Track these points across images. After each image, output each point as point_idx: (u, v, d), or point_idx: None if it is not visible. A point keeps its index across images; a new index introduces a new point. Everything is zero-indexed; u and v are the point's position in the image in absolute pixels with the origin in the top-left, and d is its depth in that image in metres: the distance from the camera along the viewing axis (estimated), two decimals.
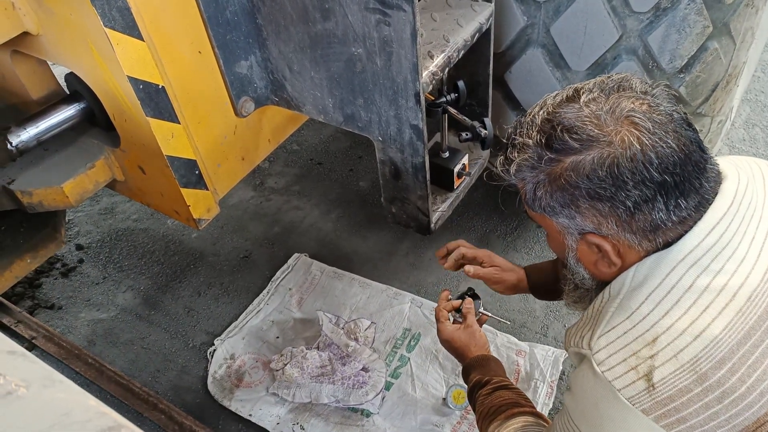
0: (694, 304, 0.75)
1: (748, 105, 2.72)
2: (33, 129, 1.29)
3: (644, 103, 0.79)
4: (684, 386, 0.74)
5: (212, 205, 1.48)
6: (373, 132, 1.41)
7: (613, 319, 0.81)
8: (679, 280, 0.77)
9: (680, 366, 0.74)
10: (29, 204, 1.31)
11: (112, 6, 1.08)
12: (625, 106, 0.78)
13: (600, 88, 0.81)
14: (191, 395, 1.91)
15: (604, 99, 0.80)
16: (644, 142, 0.75)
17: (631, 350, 0.77)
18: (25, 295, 2.25)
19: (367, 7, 1.18)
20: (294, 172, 2.67)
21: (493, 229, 2.31)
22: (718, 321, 0.74)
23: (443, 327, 1.34)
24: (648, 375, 0.75)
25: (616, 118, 0.77)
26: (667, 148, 0.75)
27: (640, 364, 0.76)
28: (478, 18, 1.51)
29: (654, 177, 0.75)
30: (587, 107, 0.79)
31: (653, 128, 0.76)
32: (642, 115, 0.77)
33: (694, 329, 0.74)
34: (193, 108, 1.35)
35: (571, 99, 0.82)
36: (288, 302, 2.12)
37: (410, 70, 1.23)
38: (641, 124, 0.76)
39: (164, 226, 2.48)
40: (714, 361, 0.73)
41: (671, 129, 0.76)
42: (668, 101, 0.80)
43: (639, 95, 0.80)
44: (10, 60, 1.33)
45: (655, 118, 0.77)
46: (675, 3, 1.41)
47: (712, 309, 0.74)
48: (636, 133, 0.76)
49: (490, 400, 1.15)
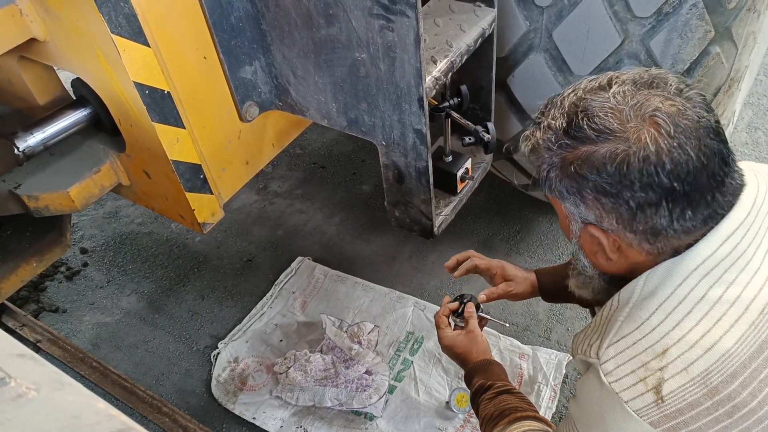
0: (706, 315, 0.73)
1: (751, 109, 2.72)
2: (40, 134, 1.30)
3: (673, 105, 0.76)
4: (694, 400, 0.72)
5: (217, 209, 1.49)
6: (377, 136, 1.42)
7: (623, 329, 0.79)
8: (692, 290, 0.75)
9: (691, 379, 0.72)
10: (35, 208, 1.31)
11: (119, 12, 1.09)
12: (652, 105, 0.75)
13: (633, 82, 0.79)
14: (195, 398, 1.92)
15: (633, 93, 0.77)
16: (661, 144, 0.73)
17: (640, 361, 0.76)
18: (29, 298, 2.26)
19: (370, 13, 1.18)
20: (297, 175, 2.68)
21: (495, 232, 2.31)
22: (730, 334, 0.72)
23: (444, 333, 1.33)
24: (657, 387, 0.73)
25: (639, 116, 0.75)
26: (683, 154, 0.73)
27: (649, 376, 0.74)
28: (480, 23, 1.52)
29: (663, 182, 0.73)
30: (614, 98, 0.77)
31: (674, 132, 0.73)
32: (666, 117, 0.74)
33: (706, 342, 0.72)
34: (198, 113, 1.36)
35: (603, 88, 0.80)
36: (291, 305, 2.13)
37: (414, 75, 1.24)
38: (663, 126, 0.73)
39: (168, 229, 2.49)
40: (725, 375, 0.71)
41: (694, 136, 0.74)
42: (700, 107, 0.77)
43: (670, 96, 0.77)
44: (17, 65, 1.34)
45: (679, 122, 0.74)
46: (677, 8, 1.42)
47: (724, 321, 0.73)
48: (655, 134, 0.73)
49: (493, 404, 1.14)
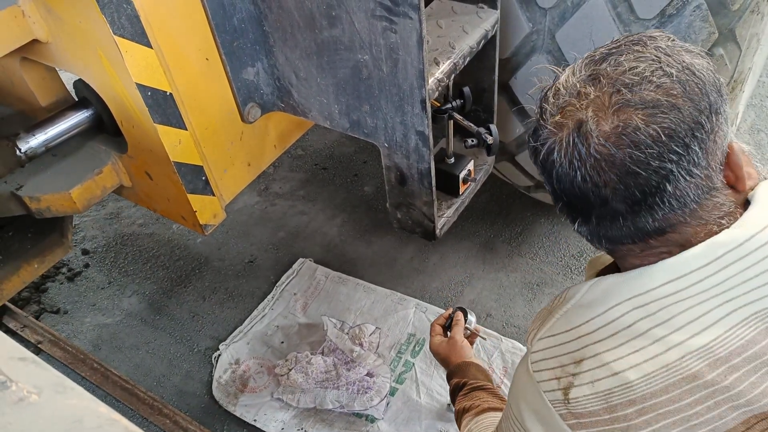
0: (627, 343, 0.74)
1: (753, 110, 2.71)
2: (42, 135, 1.30)
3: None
4: (594, 410, 0.76)
5: (218, 210, 1.49)
6: (379, 138, 1.42)
7: (556, 326, 0.82)
8: (621, 316, 0.75)
9: (594, 392, 0.76)
10: (37, 210, 1.31)
11: (121, 14, 1.09)
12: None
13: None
14: (196, 400, 1.91)
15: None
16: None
17: (559, 362, 0.80)
18: (31, 299, 2.26)
19: (373, 15, 1.18)
20: (299, 177, 2.68)
21: (497, 234, 2.31)
22: (639, 368, 0.73)
23: (432, 340, 1.54)
24: (566, 389, 0.78)
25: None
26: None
27: (563, 378, 0.79)
28: (483, 25, 1.51)
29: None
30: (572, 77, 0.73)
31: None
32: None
33: (616, 366, 0.74)
34: (200, 114, 1.36)
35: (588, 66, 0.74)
36: (293, 307, 2.12)
37: (416, 76, 1.23)
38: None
39: (169, 231, 2.49)
40: (625, 400, 0.74)
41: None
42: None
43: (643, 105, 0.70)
44: (19, 67, 1.35)
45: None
46: (680, 9, 1.41)
47: (639, 355, 0.73)
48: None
49: (467, 399, 1.27)
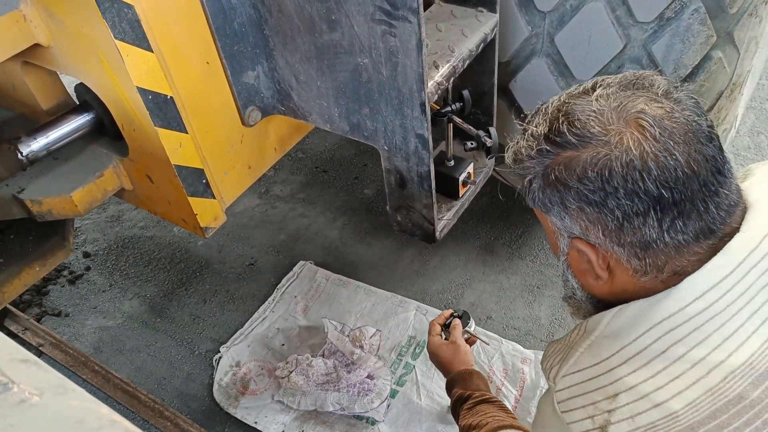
0: (664, 370, 0.70)
1: (753, 113, 2.72)
2: (43, 139, 1.31)
3: (660, 107, 0.71)
4: None
5: (219, 213, 1.49)
6: (379, 141, 1.42)
7: (581, 361, 0.77)
8: (653, 342, 0.71)
9: (635, 428, 0.70)
10: (39, 213, 1.32)
11: (123, 18, 1.09)
12: (636, 107, 0.71)
13: (619, 84, 0.75)
14: (197, 402, 1.92)
15: (617, 95, 0.73)
16: (646, 148, 0.68)
17: (591, 399, 0.74)
18: (32, 302, 2.26)
19: (373, 18, 1.19)
20: (299, 179, 2.69)
21: (497, 236, 2.31)
22: (682, 395, 0.68)
23: (431, 340, 1.44)
24: (603, 428, 0.72)
25: (622, 118, 0.70)
26: (671, 159, 0.67)
27: (598, 415, 0.73)
28: (482, 28, 1.52)
29: (649, 189, 0.68)
30: (597, 102, 0.72)
31: (660, 135, 0.68)
32: (652, 119, 0.69)
33: (657, 397, 0.69)
34: (201, 118, 1.37)
35: (587, 92, 0.75)
36: (293, 310, 2.13)
37: (416, 80, 1.24)
38: (648, 129, 0.69)
39: (170, 233, 2.49)
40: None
41: (683, 140, 0.69)
42: (691, 109, 0.72)
43: (657, 98, 0.72)
44: (20, 71, 1.35)
45: (666, 125, 0.69)
46: (679, 13, 1.42)
47: (680, 381, 0.69)
48: (639, 136, 0.69)
49: (473, 413, 1.17)
